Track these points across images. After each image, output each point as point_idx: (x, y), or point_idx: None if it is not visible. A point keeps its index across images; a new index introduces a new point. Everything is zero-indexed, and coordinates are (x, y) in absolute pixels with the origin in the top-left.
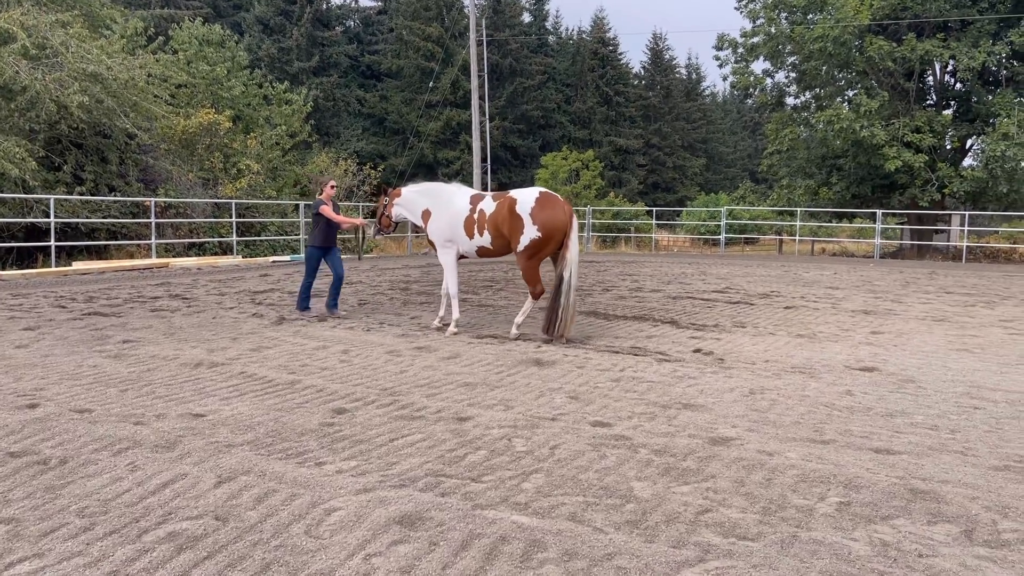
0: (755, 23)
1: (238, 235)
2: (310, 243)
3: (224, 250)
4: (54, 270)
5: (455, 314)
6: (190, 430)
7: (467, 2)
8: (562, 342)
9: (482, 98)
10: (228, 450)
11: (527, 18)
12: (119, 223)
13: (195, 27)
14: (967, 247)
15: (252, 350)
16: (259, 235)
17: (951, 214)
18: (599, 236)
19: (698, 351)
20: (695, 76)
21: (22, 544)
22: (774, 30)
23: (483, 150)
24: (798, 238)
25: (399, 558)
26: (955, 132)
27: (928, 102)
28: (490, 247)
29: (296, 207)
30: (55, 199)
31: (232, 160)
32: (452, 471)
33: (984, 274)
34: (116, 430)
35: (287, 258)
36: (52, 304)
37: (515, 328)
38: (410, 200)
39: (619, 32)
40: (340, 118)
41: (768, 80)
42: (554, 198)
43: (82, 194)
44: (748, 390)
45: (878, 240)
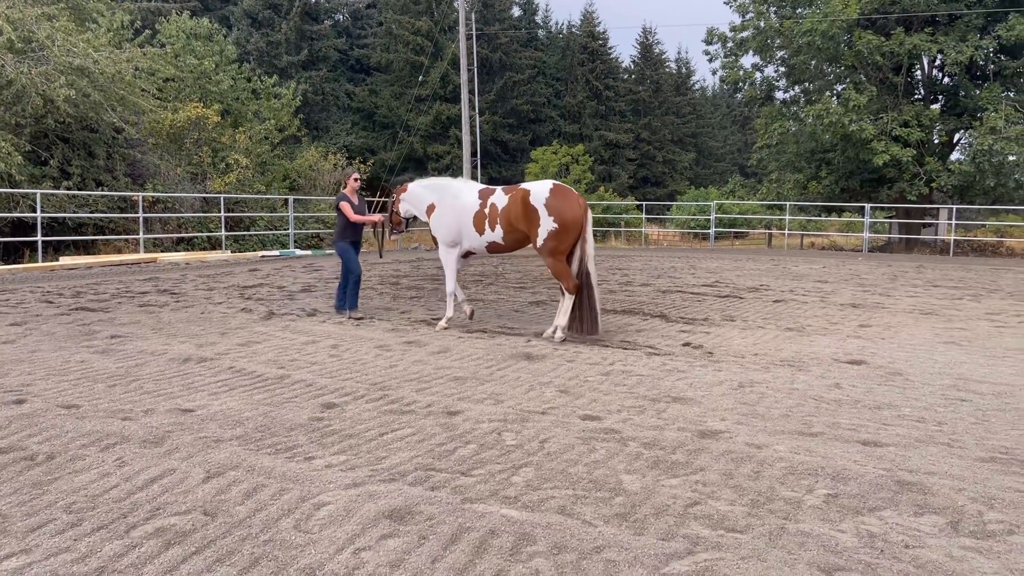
0: (744, 17)
1: (227, 230)
2: (336, 238)
3: (213, 245)
4: (41, 265)
5: (449, 312)
6: (178, 425)
7: None
8: (593, 340)
9: (472, 92)
10: (217, 445)
11: (517, 12)
12: (106, 218)
13: (183, 20)
14: (954, 241)
15: (241, 345)
16: (248, 230)
17: (939, 208)
18: None
19: (687, 345)
20: (685, 70)
21: (9, 540)
22: (763, 24)
23: (473, 144)
24: (787, 232)
25: (388, 552)
26: (943, 126)
27: (916, 96)
28: (501, 242)
29: (285, 202)
30: (41, 194)
31: (221, 155)
32: (442, 465)
33: (971, 267)
34: (104, 426)
35: (276, 253)
36: (39, 299)
37: (560, 331)
38: (415, 195)
39: (609, 26)
40: (329, 112)
41: (757, 74)
42: (568, 190)
43: (69, 188)
44: (737, 383)
45: (866, 234)
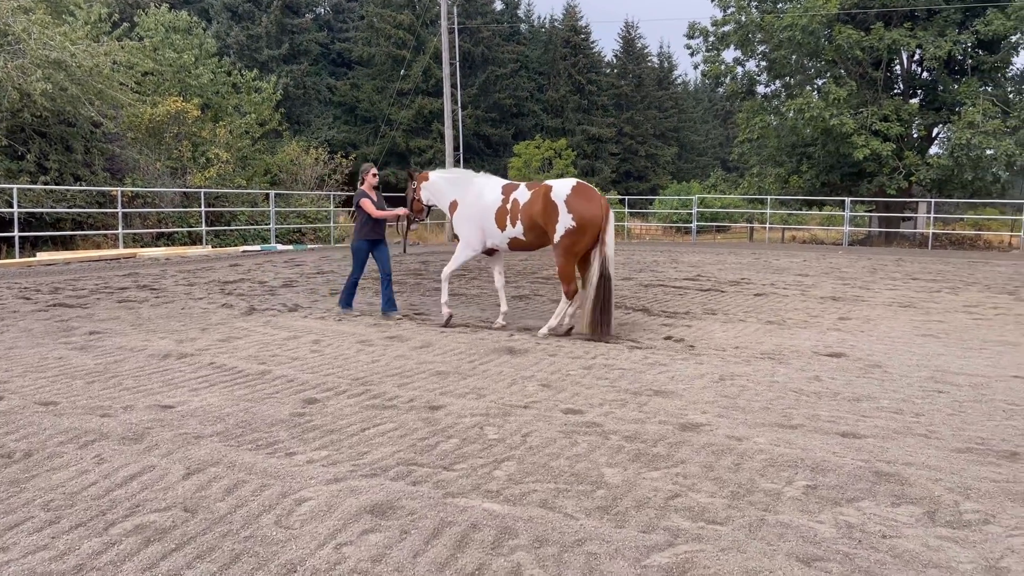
0: (726, 12)
1: (207, 225)
2: (355, 236)
3: (193, 240)
4: (18, 261)
5: (444, 297)
6: (158, 422)
7: None
8: (608, 340)
9: (454, 86)
10: (197, 441)
11: (499, 6)
12: (85, 213)
13: (161, 13)
14: (933, 234)
15: (222, 340)
16: (229, 225)
17: (918, 201)
18: None
19: (669, 338)
20: (667, 65)
21: None
22: (744, 19)
23: (455, 139)
24: (768, 226)
25: (370, 547)
26: (922, 121)
27: (896, 91)
28: (523, 238)
29: (266, 196)
30: (18, 189)
31: (201, 149)
32: (424, 460)
33: (949, 260)
34: (82, 422)
35: (257, 248)
36: (16, 296)
37: (545, 330)
38: (438, 187)
39: (591, 20)
40: (311, 106)
41: (739, 69)
42: (590, 189)
43: (46, 183)
44: (718, 376)
45: (847, 227)
